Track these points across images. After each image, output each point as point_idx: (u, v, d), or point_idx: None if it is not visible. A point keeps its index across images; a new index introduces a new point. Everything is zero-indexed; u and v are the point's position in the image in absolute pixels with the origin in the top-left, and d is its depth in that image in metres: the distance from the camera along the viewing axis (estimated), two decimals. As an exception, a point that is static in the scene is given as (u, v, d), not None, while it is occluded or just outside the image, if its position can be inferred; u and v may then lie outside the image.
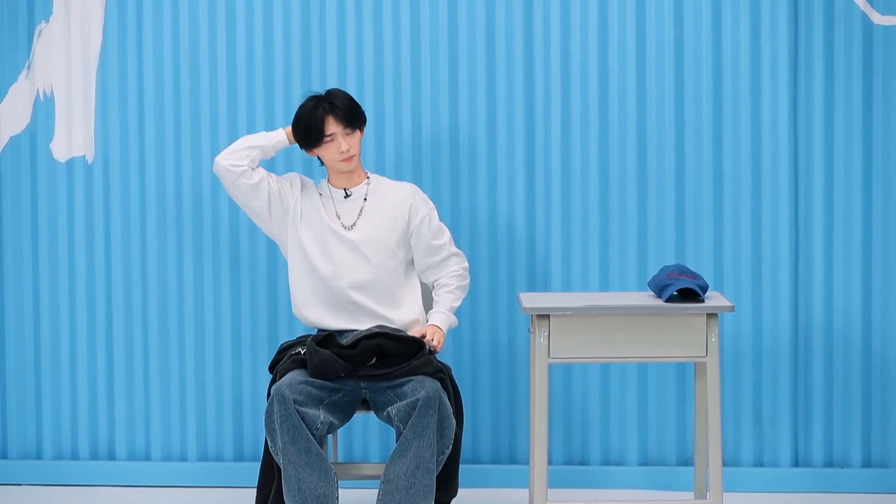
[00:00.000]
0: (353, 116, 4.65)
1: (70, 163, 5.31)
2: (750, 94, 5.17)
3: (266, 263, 5.28)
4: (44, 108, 5.31)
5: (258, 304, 5.30)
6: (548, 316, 4.39)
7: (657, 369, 5.25)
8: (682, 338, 4.39)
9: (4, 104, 5.31)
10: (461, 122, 5.22)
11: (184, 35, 5.26)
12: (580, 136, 5.22)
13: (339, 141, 4.63)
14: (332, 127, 4.63)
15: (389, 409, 4.39)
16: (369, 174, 4.79)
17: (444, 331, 4.67)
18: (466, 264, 4.81)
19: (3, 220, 5.33)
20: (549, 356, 4.40)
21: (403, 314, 4.69)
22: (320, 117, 4.62)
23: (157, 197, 5.29)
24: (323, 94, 4.68)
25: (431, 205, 4.78)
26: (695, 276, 4.51)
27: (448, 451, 4.42)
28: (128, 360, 5.34)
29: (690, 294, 4.48)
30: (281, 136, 4.71)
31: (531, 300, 4.55)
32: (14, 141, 5.32)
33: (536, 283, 5.26)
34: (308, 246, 4.67)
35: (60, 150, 5.31)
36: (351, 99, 4.66)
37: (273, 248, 5.25)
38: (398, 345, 4.47)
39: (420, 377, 4.42)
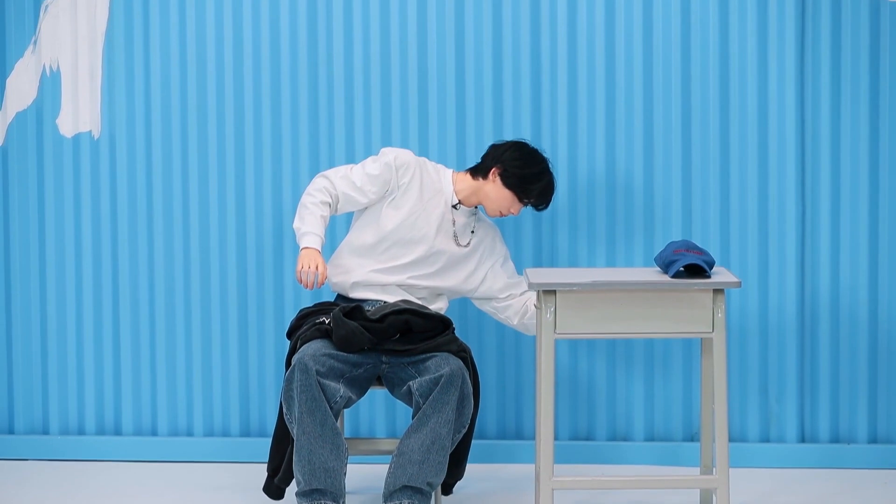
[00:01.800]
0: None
1: (76, 138, 5.31)
2: (757, 71, 5.16)
3: (272, 239, 5.28)
4: (50, 84, 5.30)
5: (264, 278, 5.30)
6: (554, 291, 4.38)
7: (663, 345, 5.25)
8: (689, 313, 4.38)
9: (11, 80, 5.31)
10: (467, 98, 5.22)
11: (190, 11, 5.24)
12: (586, 112, 5.21)
13: (518, 207, 4.76)
14: (533, 199, 4.73)
15: (411, 383, 4.39)
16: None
17: None
18: None
19: (10, 194, 5.33)
20: (555, 331, 4.39)
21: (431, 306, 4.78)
22: (543, 188, 4.73)
23: (164, 172, 5.29)
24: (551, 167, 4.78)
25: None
26: (701, 251, 4.50)
27: (464, 431, 4.43)
28: (134, 335, 5.34)
29: (697, 270, 4.47)
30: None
31: (537, 275, 4.54)
32: (20, 116, 5.32)
33: (543, 258, 5.26)
34: (389, 226, 4.70)
35: (67, 125, 5.31)
36: None
37: (279, 224, 5.25)
38: (425, 322, 4.47)
39: (444, 354, 4.43)
